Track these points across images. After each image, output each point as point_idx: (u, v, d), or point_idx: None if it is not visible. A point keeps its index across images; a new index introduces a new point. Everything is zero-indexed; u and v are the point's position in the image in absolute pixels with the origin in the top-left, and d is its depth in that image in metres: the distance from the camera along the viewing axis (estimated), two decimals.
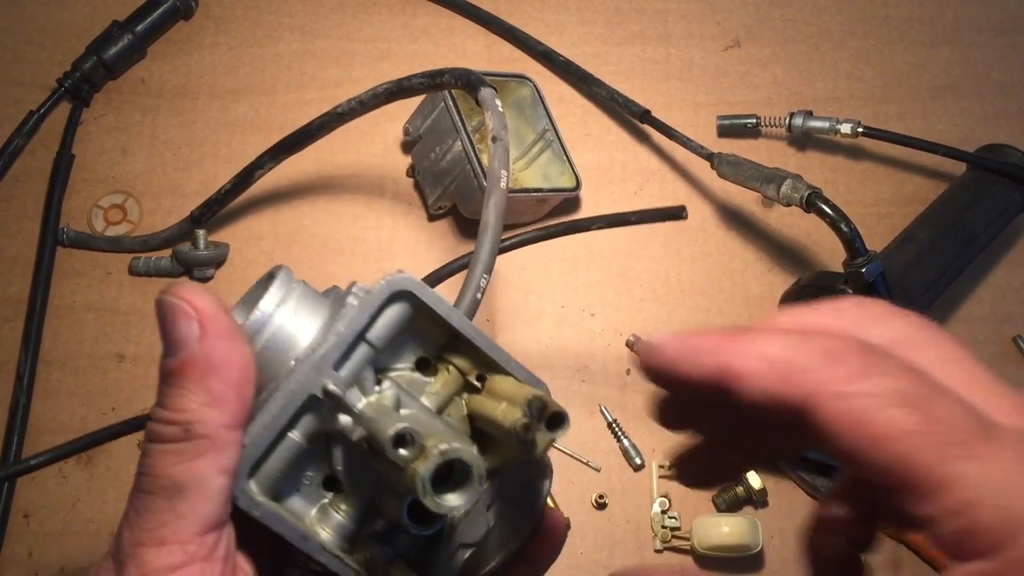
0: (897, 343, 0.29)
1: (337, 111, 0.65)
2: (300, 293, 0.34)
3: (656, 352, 0.31)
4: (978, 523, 0.25)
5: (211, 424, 0.30)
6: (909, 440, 0.25)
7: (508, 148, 0.49)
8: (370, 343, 0.33)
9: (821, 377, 0.27)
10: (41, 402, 0.71)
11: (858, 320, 0.30)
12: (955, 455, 0.25)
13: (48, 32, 0.84)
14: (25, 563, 0.67)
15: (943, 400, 0.26)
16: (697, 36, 0.88)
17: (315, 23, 0.86)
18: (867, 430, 0.26)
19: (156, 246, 0.76)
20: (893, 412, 0.26)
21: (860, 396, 0.26)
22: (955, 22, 0.91)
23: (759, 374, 0.28)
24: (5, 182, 0.79)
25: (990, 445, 0.25)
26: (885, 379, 0.26)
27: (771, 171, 0.70)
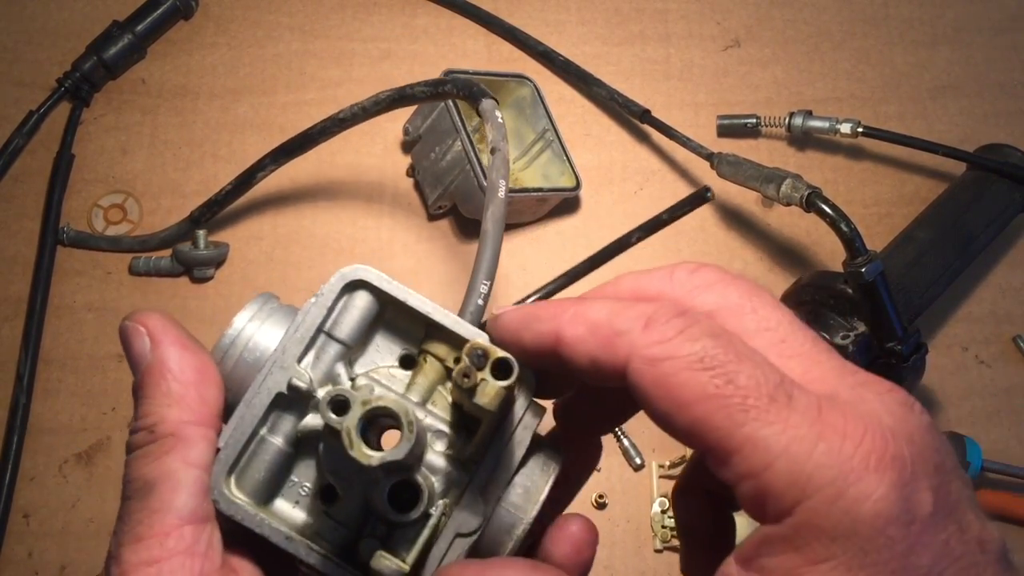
0: (723, 309, 0.30)
1: (339, 116, 0.65)
2: (272, 308, 0.35)
3: (500, 323, 0.32)
4: (770, 486, 0.25)
5: (172, 421, 0.32)
6: (708, 403, 0.26)
7: (507, 159, 0.49)
8: (336, 338, 0.34)
9: (636, 341, 0.28)
10: (41, 402, 0.71)
11: (689, 285, 0.31)
12: (750, 419, 0.26)
13: (48, 32, 0.84)
14: (25, 563, 0.67)
15: (744, 364, 0.26)
16: (697, 36, 0.88)
17: (315, 23, 0.86)
18: (671, 393, 0.27)
19: (155, 246, 0.76)
20: (695, 375, 0.26)
21: (667, 360, 0.27)
22: (955, 22, 0.91)
23: (583, 339, 0.29)
24: (5, 182, 0.79)
25: (786, 410, 0.26)
26: (693, 344, 0.27)
27: (771, 171, 0.70)
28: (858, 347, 0.67)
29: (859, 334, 0.67)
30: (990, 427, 0.75)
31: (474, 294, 0.39)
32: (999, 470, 0.70)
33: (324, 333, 0.34)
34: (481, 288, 0.40)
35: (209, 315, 0.74)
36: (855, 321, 0.67)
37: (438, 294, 0.77)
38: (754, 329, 0.29)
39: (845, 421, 0.26)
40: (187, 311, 0.75)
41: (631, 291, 0.32)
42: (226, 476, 0.32)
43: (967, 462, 0.68)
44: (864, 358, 0.67)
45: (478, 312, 0.39)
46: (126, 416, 0.71)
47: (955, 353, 0.78)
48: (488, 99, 0.57)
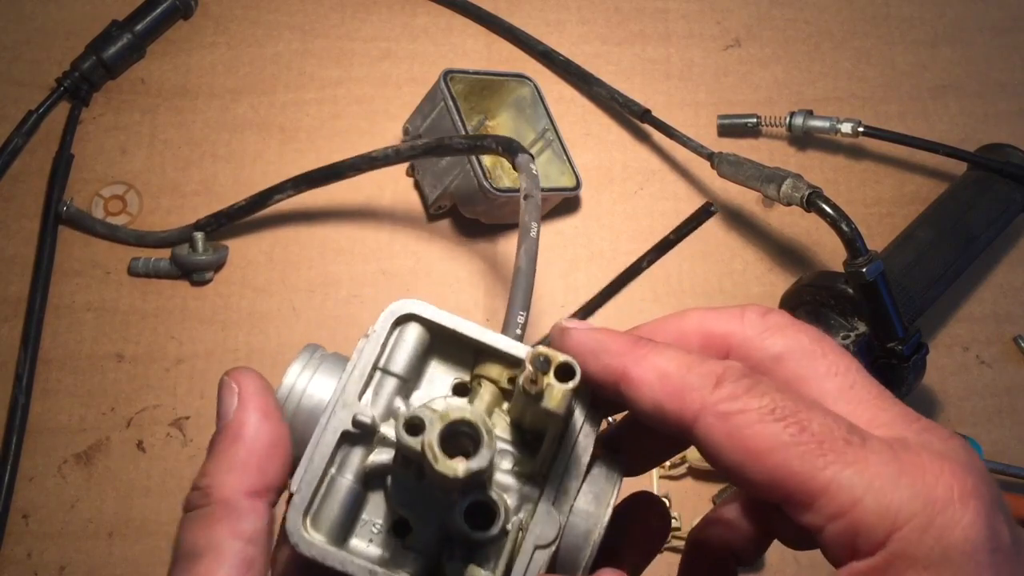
0: (794, 352, 0.31)
1: (371, 155, 0.67)
2: (321, 357, 0.35)
3: (570, 342, 0.33)
4: (860, 523, 0.26)
5: (228, 488, 0.31)
6: (785, 452, 0.27)
7: (539, 204, 0.53)
8: (392, 373, 0.34)
9: (706, 397, 0.29)
10: (40, 402, 0.71)
11: (760, 327, 0.32)
12: (830, 462, 0.27)
13: (47, 32, 0.84)
14: (25, 563, 0.67)
15: (815, 413, 0.28)
16: (697, 36, 0.88)
17: (315, 22, 0.86)
18: (745, 445, 0.28)
19: (152, 244, 0.76)
20: (768, 426, 0.28)
21: (739, 413, 0.28)
22: (956, 22, 0.91)
23: (652, 385, 0.30)
24: (4, 182, 0.78)
25: (861, 450, 0.27)
26: (763, 397, 0.28)
27: (771, 171, 0.70)
28: (859, 347, 0.66)
29: (860, 334, 0.67)
30: (990, 427, 0.75)
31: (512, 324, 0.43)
32: (999, 470, 0.70)
33: (380, 370, 0.34)
34: (518, 319, 0.43)
35: (209, 316, 0.74)
36: (856, 321, 0.67)
37: (438, 294, 0.77)
38: (824, 373, 0.30)
39: (921, 458, 0.27)
40: (186, 312, 0.75)
41: (699, 330, 0.33)
42: (302, 518, 0.32)
43: None
44: (865, 358, 0.67)
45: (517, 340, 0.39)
46: (125, 416, 0.71)
47: (956, 353, 0.78)
48: (524, 155, 0.61)
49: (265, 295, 0.76)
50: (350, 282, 0.77)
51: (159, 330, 0.74)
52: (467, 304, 0.77)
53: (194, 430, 0.71)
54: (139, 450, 0.70)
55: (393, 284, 0.77)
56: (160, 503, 0.68)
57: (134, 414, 0.71)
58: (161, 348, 0.73)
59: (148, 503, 0.69)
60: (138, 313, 0.74)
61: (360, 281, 0.77)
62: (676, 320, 0.34)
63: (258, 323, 0.75)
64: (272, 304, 0.76)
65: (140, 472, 0.70)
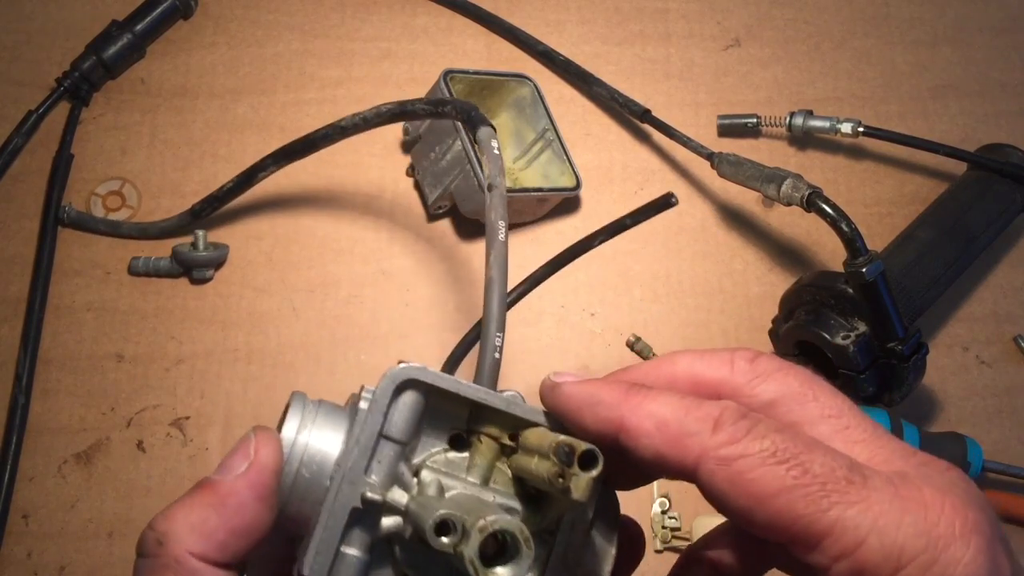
0: (785, 397, 0.31)
1: (341, 124, 0.66)
2: (315, 410, 0.35)
3: (561, 398, 0.33)
4: (865, 563, 0.27)
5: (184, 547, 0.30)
6: (788, 494, 0.27)
7: (504, 194, 0.47)
8: (393, 439, 0.34)
9: (705, 443, 0.29)
10: (40, 402, 0.71)
11: (750, 374, 0.32)
12: (833, 503, 0.27)
13: (47, 32, 0.84)
14: (25, 563, 0.67)
15: (816, 453, 0.28)
16: (697, 36, 0.88)
17: (315, 23, 0.86)
18: (749, 490, 0.28)
19: (155, 235, 0.76)
20: (771, 469, 0.28)
21: (740, 458, 0.28)
22: (956, 22, 0.91)
23: (650, 434, 0.30)
24: (4, 182, 0.78)
25: (865, 489, 0.27)
26: (763, 440, 0.28)
27: (771, 171, 0.70)
28: (858, 347, 0.66)
29: (859, 334, 0.67)
30: (990, 427, 0.75)
31: (488, 349, 0.39)
32: (999, 470, 0.70)
33: (382, 437, 0.34)
34: (495, 341, 0.39)
35: (209, 315, 0.74)
36: (855, 321, 0.67)
37: (438, 294, 0.77)
38: (818, 416, 0.31)
39: (922, 494, 0.27)
40: (186, 311, 0.75)
41: (688, 376, 0.33)
42: None
43: (967, 462, 0.68)
44: (865, 358, 0.67)
45: (495, 366, 0.38)
46: (125, 416, 0.71)
47: (956, 353, 0.78)
48: (486, 127, 0.55)
49: (265, 295, 0.76)
50: (350, 282, 0.77)
51: (159, 330, 0.74)
52: (467, 304, 0.77)
53: (194, 430, 0.71)
54: (139, 450, 0.70)
55: (393, 284, 0.77)
56: (160, 503, 0.68)
57: (134, 414, 0.71)
58: (161, 348, 0.73)
59: (148, 503, 0.69)
60: (138, 313, 0.74)
61: (360, 281, 0.77)
62: (667, 365, 0.33)
63: (258, 323, 0.75)
64: (272, 304, 0.76)
65: (140, 472, 0.70)
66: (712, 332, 0.77)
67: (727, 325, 0.77)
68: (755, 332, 0.76)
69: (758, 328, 0.76)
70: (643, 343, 0.75)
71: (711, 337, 0.77)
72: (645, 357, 0.75)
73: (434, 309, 0.76)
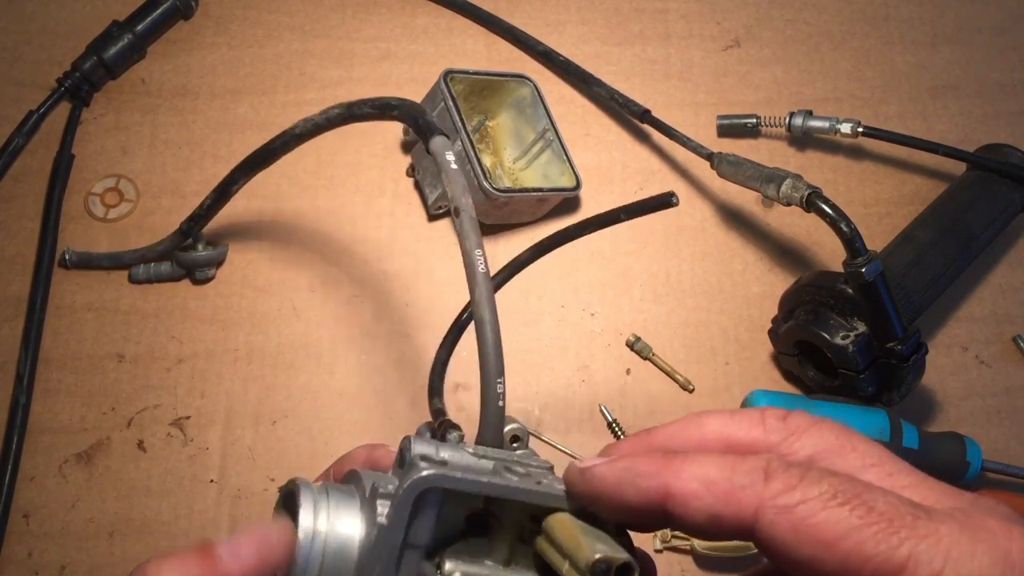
0: (823, 452, 0.31)
1: (295, 131, 0.63)
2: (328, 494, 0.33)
3: (596, 481, 0.32)
4: None
5: None
6: (857, 535, 0.27)
7: (474, 216, 0.41)
8: (415, 545, 0.33)
9: (761, 493, 0.28)
10: (41, 402, 0.71)
11: (784, 432, 0.31)
12: (904, 539, 0.26)
13: (48, 32, 0.84)
14: (25, 563, 0.67)
15: (876, 492, 0.28)
16: (697, 36, 0.88)
17: (315, 23, 0.86)
18: (815, 535, 0.27)
19: (155, 258, 0.75)
20: (835, 512, 0.27)
21: (800, 504, 0.27)
22: (955, 22, 0.91)
23: (700, 495, 0.29)
24: (5, 182, 0.79)
25: (932, 523, 0.27)
26: (820, 484, 0.28)
27: (771, 171, 0.70)
28: (858, 347, 0.67)
29: (859, 334, 0.67)
30: (990, 427, 0.75)
31: (491, 398, 0.36)
32: (999, 470, 0.70)
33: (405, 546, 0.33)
34: (497, 388, 0.36)
35: (209, 315, 0.74)
36: (855, 321, 0.67)
37: (438, 294, 0.77)
38: (860, 466, 0.30)
39: (988, 524, 0.27)
40: (187, 311, 0.75)
41: (720, 438, 0.32)
42: None
43: (967, 462, 0.68)
44: (864, 358, 0.67)
45: (499, 415, 0.36)
46: (126, 416, 0.71)
47: (955, 353, 0.78)
48: (438, 136, 0.48)
49: (265, 295, 0.76)
50: (350, 282, 0.77)
51: (159, 330, 0.74)
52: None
53: (195, 430, 0.71)
54: (140, 450, 0.70)
55: (393, 284, 0.77)
56: (161, 503, 0.68)
57: (135, 414, 0.71)
58: (162, 348, 0.73)
59: (149, 503, 0.69)
60: (139, 313, 0.74)
61: (360, 281, 0.77)
62: (694, 428, 0.32)
63: (258, 323, 0.75)
64: (272, 304, 0.76)
65: (141, 472, 0.70)
66: (712, 332, 0.77)
67: (727, 325, 0.77)
68: (755, 332, 0.76)
69: (758, 328, 0.76)
70: (643, 343, 0.75)
71: (711, 337, 0.77)
72: (645, 357, 0.75)
73: (434, 309, 0.76)
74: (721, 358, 0.76)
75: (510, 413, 0.73)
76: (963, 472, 0.68)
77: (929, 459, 0.68)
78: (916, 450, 0.67)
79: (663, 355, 0.76)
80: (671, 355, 0.76)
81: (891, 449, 0.42)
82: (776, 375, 0.76)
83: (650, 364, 0.76)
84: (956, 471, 0.68)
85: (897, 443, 0.67)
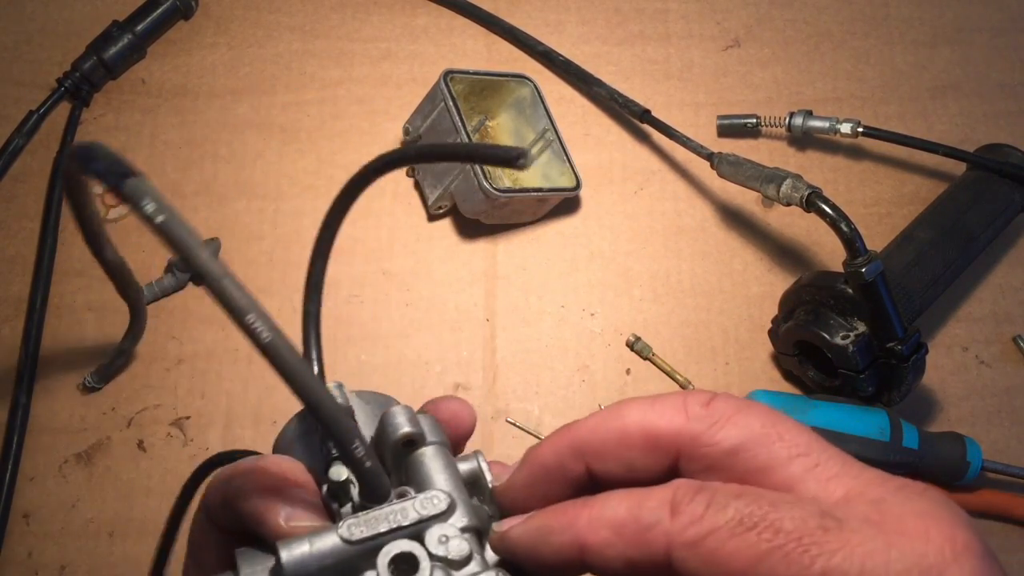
0: (748, 441, 0.29)
1: None
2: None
3: (511, 545, 0.31)
4: None
5: None
6: (768, 560, 0.26)
7: (231, 276, 0.32)
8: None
9: (668, 530, 0.27)
10: (41, 402, 0.71)
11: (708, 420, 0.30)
12: (815, 556, 0.26)
13: (48, 32, 0.84)
14: (25, 563, 0.67)
15: (783, 509, 0.27)
16: (697, 36, 0.88)
17: (315, 23, 0.86)
18: (727, 566, 0.26)
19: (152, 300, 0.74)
20: (743, 539, 0.26)
21: (708, 535, 0.27)
22: (955, 22, 0.91)
23: (610, 543, 0.28)
24: (5, 182, 0.79)
25: (843, 533, 0.26)
26: (726, 511, 0.27)
27: (771, 171, 0.70)
28: (858, 347, 0.67)
29: (859, 334, 0.67)
30: (990, 427, 0.75)
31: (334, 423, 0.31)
32: (999, 470, 0.70)
33: None
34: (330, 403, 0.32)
35: (209, 315, 0.74)
36: (855, 321, 0.67)
37: (438, 294, 0.77)
38: (786, 457, 0.29)
39: (904, 523, 0.26)
40: (187, 311, 0.75)
41: (640, 429, 0.30)
42: None
43: (967, 462, 0.68)
44: (864, 358, 0.67)
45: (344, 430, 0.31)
46: (126, 416, 0.71)
47: (955, 353, 0.78)
48: (133, 178, 0.30)
49: (265, 295, 0.76)
50: (350, 282, 0.77)
51: (159, 330, 0.74)
52: (467, 304, 0.77)
53: (195, 430, 0.71)
54: (140, 450, 0.70)
55: (393, 284, 0.77)
56: (161, 503, 0.68)
57: (135, 414, 0.71)
58: (161, 348, 0.73)
59: (149, 503, 0.69)
60: None
61: (360, 281, 0.77)
62: (615, 420, 0.31)
63: None
64: (272, 304, 0.76)
65: (141, 472, 0.70)
66: (712, 332, 0.77)
67: (727, 325, 0.77)
68: (755, 332, 0.76)
69: (758, 328, 0.76)
70: (643, 343, 0.75)
71: (711, 337, 0.77)
72: (645, 357, 0.75)
73: (434, 309, 0.76)
74: (721, 358, 0.76)
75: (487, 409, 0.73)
76: (963, 472, 0.68)
77: (929, 459, 0.68)
78: (916, 450, 0.67)
79: (663, 355, 0.76)
80: (671, 355, 0.76)
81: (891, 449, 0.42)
82: (776, 375, 0.76)
83: (650, 364, 0.76)
84: (956, 471, 0.68)
85: (897, 443, 0.67)
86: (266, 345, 0.31)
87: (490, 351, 0.75)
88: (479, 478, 0.34)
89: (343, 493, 0.32)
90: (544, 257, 0.79)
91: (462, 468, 0.34)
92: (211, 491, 0.34)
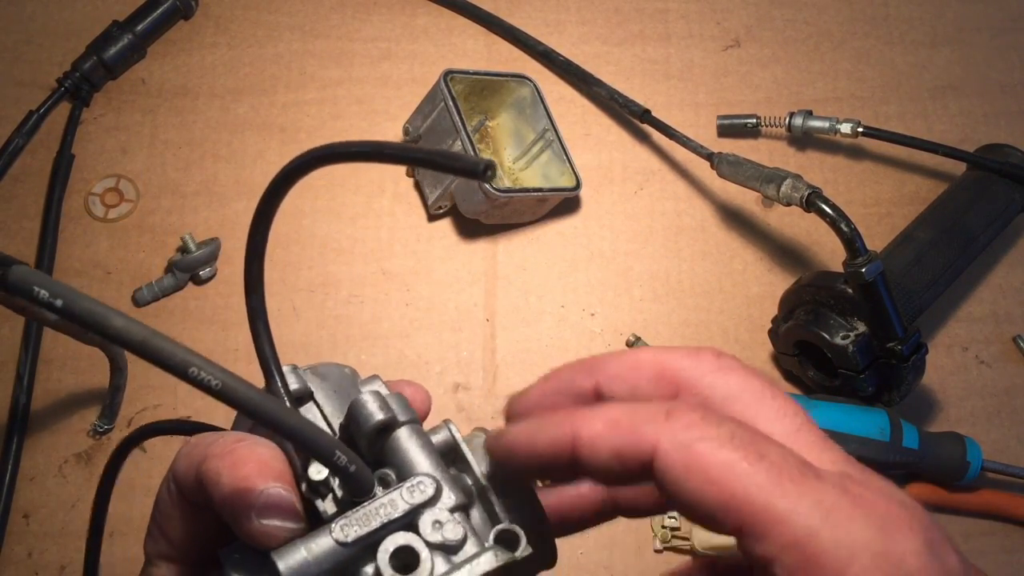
0: (744, 392, 0.31)
1: None
2: None
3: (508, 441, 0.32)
4: (817, 553, 0.26)
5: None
6: (744, 479, 0.27)
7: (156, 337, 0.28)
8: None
9: (660, 428, 0.28)
10: (41, 402, 0.71)
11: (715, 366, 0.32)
12: (787, 492, 0.27)
13: (48, 32, 0.84)
14: (25, 563, 0.67)
15: (771, 444, 0.28)
16: (697, 36, 0.88)
17: (315, 23, 0.86)
18: (704, 473, 0.27)
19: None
20: (727, 453, 0.27)
21: (698, 441, 0.28)
22: (955, 22, 0.91)
23: (602, 435, 0.29)
24: (5, 182, 0.79)
25: (818, 482, 0.27)
26: (720, 426, 0.28)
27: (771, 171, 0.70)
28: (858, 347, 0.67)
29: (859, 334, 0.67)
30: (990, 427, 0.75)
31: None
32: (999, 470, 0.70)
33: None
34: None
35: (209, 315, 0.74)
36: (855, 321, 0.67)
37: (438, 294, 0.77)
38: (772, 416, 0.31)
39: (870, 492, 0.28)
40: (187, 311, 0.75)
41: (653, 362, 0.32)
42: None
43: (967, 462, 0.68)
44: (864, 358, 0.67)
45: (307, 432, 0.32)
46: (126, 416, 0.71)
47: (955, 353, 0.78)
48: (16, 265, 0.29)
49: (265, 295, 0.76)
50: (350, 282, 0.77)
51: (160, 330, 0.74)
52: (467, 304, 0.77)
53: None
54: (140, 450, 0.70)
55: (393, 284, 0.77)
56: None
57: (135, 414, 0.71)
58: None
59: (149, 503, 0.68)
60: (138, 314, 0.74)
61: (360, 281, 0.77)
62: (632, 352, 0.34)
63: None
64: (272, 304, 0.75)
65: (141, 472, 0.70)
66: (712, 332, 0.77)
67: (727, 325, 0.77)
68: (755, 332, 0.76)
69: (758, 328, 0.76)
70: (643, 343, 0.75)
71: (711, 337, 0.77)
72: None
73: (434, 309, 0.76)
74: None
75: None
76: (963, 472, 0.68)
77: (929, 459, 0.68)
78: (916, 450, 0.67)
79: None
80: None
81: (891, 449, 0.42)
82: (776, 375, 0.76)
83: None
84: (956, 471, 0.68)
85: (897, 443, 0.67)
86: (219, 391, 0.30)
87: (490, 351, 0.75)
88: (454, 447, 0.35)
89: (324, 487, 0.32)
90: (544, 257, 0.79)
91: (435, 440, 0.34)
92: (184, 463, 0.35)
